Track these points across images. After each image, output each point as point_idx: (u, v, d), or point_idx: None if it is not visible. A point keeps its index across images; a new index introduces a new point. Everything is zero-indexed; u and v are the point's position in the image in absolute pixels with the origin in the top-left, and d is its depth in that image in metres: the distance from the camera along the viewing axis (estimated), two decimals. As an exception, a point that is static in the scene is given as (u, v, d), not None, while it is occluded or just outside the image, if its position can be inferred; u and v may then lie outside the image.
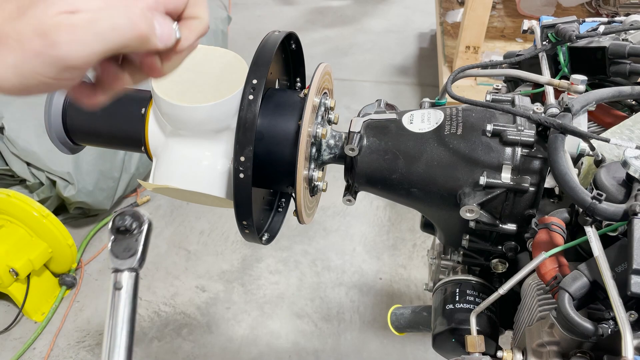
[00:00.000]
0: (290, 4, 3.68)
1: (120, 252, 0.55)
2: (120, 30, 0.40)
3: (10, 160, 1.86)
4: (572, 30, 0.82)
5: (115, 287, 0.55)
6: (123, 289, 0.55)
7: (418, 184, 0.73)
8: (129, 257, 0.55)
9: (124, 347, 0.53)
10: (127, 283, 0.55)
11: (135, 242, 0.56)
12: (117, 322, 0.54)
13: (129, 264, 0.55)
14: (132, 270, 0.55)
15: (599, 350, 0.63)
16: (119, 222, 0.56)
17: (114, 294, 0.55)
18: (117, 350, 0.52)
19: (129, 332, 0.54)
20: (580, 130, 0.63)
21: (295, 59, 0.81)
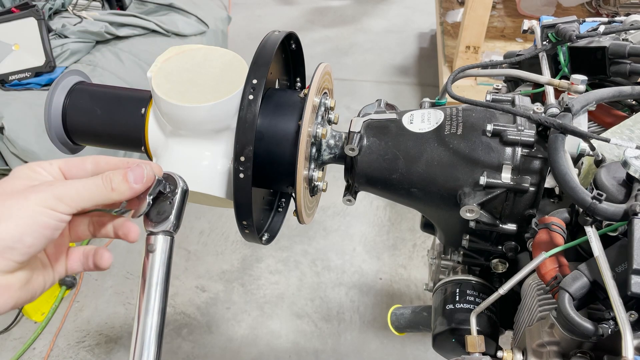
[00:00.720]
0: (290, 3, 3.68)
1: (155, 216, 0.55)
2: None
3: (10, 160, 1.86)
4: (572, 30, 0.82)
5: (149, 249, 0.54)
6: (157, 251, 0.54)
7: (418, 184, 0.73)
8: (163, 221, 0.55)
9: (158, 309, 0.53)
10: (161, 246, 0.54)
11: (169, 205, 0.55)
12: (152, 284, 0.53)
13: (163, 227, 0.55)
14: (166, 233, 0.55)
15: (599, 350, 0.63)
16: (156, 184, 0.56)
17: (148, 257, 0.54)
18: (151, 313, 0.52)
19: (162, 294, 0.53)
20: (581, 130, 0.63)
21: (295, 59, 0.81)
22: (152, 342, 0.51)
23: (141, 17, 2.33)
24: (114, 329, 1.80)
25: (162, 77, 0.74)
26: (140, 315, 0.52)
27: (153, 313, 0.52)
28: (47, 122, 0.77)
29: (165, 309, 0.54)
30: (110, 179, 0.53)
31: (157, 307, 0.53)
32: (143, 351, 0.50)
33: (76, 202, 0.51)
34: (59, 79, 0.77)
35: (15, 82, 1.96)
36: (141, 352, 0.50)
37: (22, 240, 0.48)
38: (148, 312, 0.52)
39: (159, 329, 0.52)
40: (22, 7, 2.03)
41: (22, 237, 0.48)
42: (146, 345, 0.51)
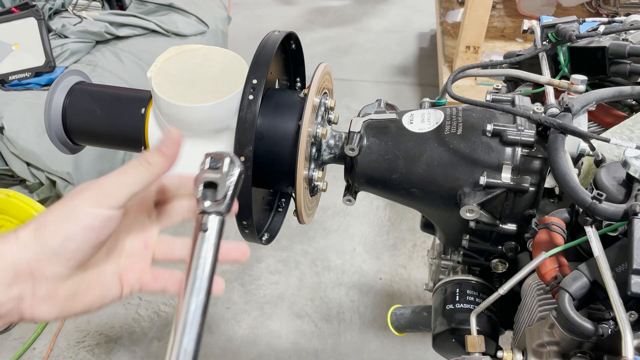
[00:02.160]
0: (290, 3, 3.68)
1: (209, 195, 0.54)
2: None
3: (10, 160, 1.86)
4: (572, 30, 0.82)
5: (202, 228, 0.53)
6: (209, 231, 0.53)
7: (418, 184, 0.73)
8: (218, 201, 0.54)
9: (205, 289, 0.51)
10: (214, 226, 0.53)
11: (225, 186, 0.54)
12: (199, 264, 0.52)
13: (217, 207, 0.53)
14: (219, 214, 0.54)
15: (599, 350, 0.63)
16: (212, 163, 0.55)
17: (199, 236, 0.53)
18: (197, 293, 0.51)
19: (209, 275, 0.52)
20: (581, 130, 0.63)
21: (295, 59, 0.81)
22: (195, 322, 0.50)
23: (141, 17, 2.33)
24: (114, 329, 1.80)
25: (162, 77, 0.74)
26: (186, 295, 0.51)
27: (199, 293, 0.51)
28: (47, 122, 0.77)
29: (211, 290, 0.52)
30: (145, 156, 0.52)
31: (204, 287, 0.51)
32: (185, 331, 0.50)
33: (120, 190, 0.49)
34: (59, 79, 0.77)
35: (15, 82, 1.96)
36: (183, 331, 0.50)
37: (64, 245, 0.47)
38: (194, 292, 0.51)
39: (203, 310, 0.51)
40: (22, 7, 2.03)
41: (64, 242, 0.47)
42: (189, 324, 0.50)
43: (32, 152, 1.83)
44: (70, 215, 0.48)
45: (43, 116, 0.76)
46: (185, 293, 0.51)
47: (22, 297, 0.47)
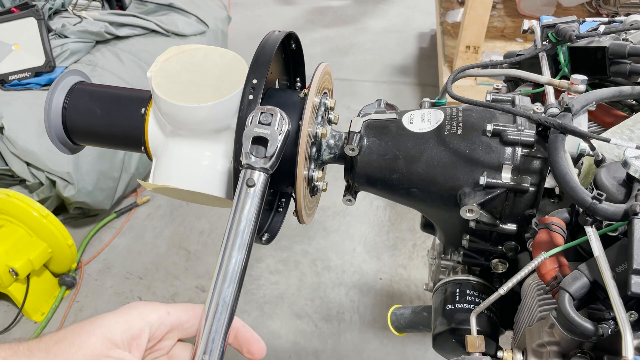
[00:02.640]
0: (290, 3, 3.68)
1: (256, 150, 0.54)
2: None
3: (10, 160, 1.86)
4: (573, 30, 0.82)
5: (248, 184, 0.53)
6: (255, 186, 0.53)
7: (418, 184, 0.73)
8: (264, 158, 0.54)
9: (246, 244, 0.51)
10: (260, 182, 0.53)
11: (272, 143, 0.54)
12: (242, 219, 0.52)
13: (263, 163, 0.53)
14: (264, 170, 0.54)
15: (599, 351, 0.62)
16: (264, 117, 0.54)
17: (245, 191, 0.53)
18: (238, 248, 0.51)
19: (252, 231, 0.52)
20: (581, 130, 0.63)
21: (295, 58, 0.81)
22: (236, 277, 0.51)
23: (141, 17, 2.33)
24: (113, 329, 1.80)
25: (162, 77, 0.74)
26: (227, 249, 0.51)
27: (242, 248, 0.51)
28: (47, 122, 0.76)
29: (252, 246, 0.52)
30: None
31: (245, 242, 0.51)
32: (225, 284, 0.50)
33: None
34: (58, 78, 0.77)
35: (15, 82, 1.96)
36: (223, 284, 0.50)
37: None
38: (235, 247, 0.51)
39: (243, 266, 0.51)
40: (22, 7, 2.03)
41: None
42: (229, 279, 0.50)
43: (32, 152, 1.83)
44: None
45: (43, 116, 0.76)
46: (227, 247, 0.51)
47: None
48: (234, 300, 0.50)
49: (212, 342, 0.48)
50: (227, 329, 0.49)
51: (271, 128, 0.55)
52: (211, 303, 0.49)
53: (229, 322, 0.50)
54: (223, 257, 0.51)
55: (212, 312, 0.50)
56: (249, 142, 0.54)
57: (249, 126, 0.54)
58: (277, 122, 0.55)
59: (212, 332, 0.48)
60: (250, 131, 0.55)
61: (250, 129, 0.54)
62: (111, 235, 2.10)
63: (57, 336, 0.46)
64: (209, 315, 0.50)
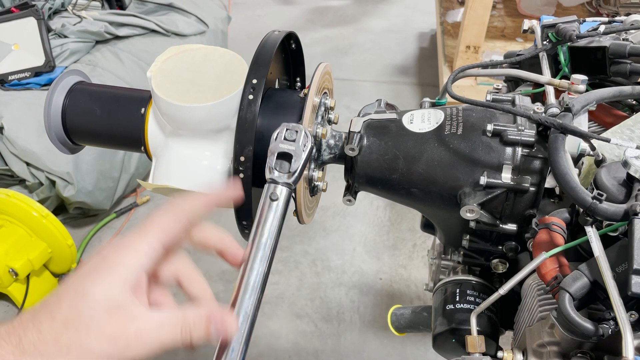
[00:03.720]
0: (290, 3, 3.68)
1: (280, 165, 0.55)
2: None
3: (10, 160, 1.86)
4: (573, 30, 0.82)
5: (271, 198, 0.54)
6: (279, 201, 0.54)
7: (418, 184, 0.73)
8: (287, 173, 0.55)
9: (267, 257, 0.52)
10: (282, 197, 0.54)
11: (296, 159, 0.55)
12: (265, 233, 0.53)
13: (286, 178, 0.54)
14: (287, 185, 0.54)
15: (600, 351, 0.62)
16: (288, 134, 0.56)
17: (267, 205, 0.54)
18: (260, 260, 0.52)
19: (274, 244, 0.53)
20: (581, 130, 0.63)
21: (295, 58, 0.81)
22: (257, 288, 0.52)
23: (141, 17, 2.33)
24: (113, 329, 1.80)
25: (162, 77, 0.74)
26: (250, 261, 0.52)
27: (263, 261, 0.52)
28: (46, 122, 0.76)
29: (273, 258, 0.53)
30: (190, 332, 0.51)
31: (267, 255, 0.52)
32: (245, 295, 0.51)
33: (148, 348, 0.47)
34: (58, 78, 0.77)
35: (14, 82, 1.96)
36: (244, 295, 0.51)
37: None
38: (257, 259, 0.52)
39: (264, 277, 0.52)
40: (21, 6, 2.03)
41: None
42: (250, 290, 0.51)
43: (32, 152, 1.83)
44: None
45: (43, 116, 0.76)
46: (250, 259, 0.52)
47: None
48: (255, 311, 0.52)
49: (232, 352, 0.50)
50: (247, 339, 0.51)
51: (296, 144, 0.56)
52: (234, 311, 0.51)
53: (249, 333, 0.51)
54: (245, 268, 0.52)
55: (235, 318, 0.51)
56: (274, 157, 0.55)
57: (274, 142, 0.56)
58: (301, 139, 0.56)
59: (234, 342, 0.50)
60: (276, 147, 0.56)
61: (275, 144, 0.56)
62: (111, 235, 2.10)
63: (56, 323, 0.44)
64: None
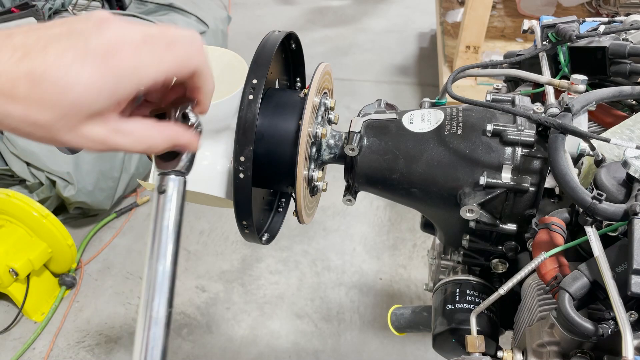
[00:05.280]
0: (290, 3, 3.68)
1: (167, 155, 0.51)
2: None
3: (10, 160, 1.86)
4: (573, 30, 0.82)
5: (159, 190, 0.50)
6: (167, 193, 0.50)
7: (418, 184, 0.73)
8: (174, 159, 0.51)
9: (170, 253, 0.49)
10: (172, 187, 0.50)
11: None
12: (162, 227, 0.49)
13: (173, 166, 0.51)
14: (178, 173, 0.51)
15: (599, 350, 0.63)
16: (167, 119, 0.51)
17: (158, 199, 0.50)
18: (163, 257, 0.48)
19: (174, 238, 0.49)
20: (581, 130, 0.63)
21: (295, 58, 0.81)
22: (164, 289, 0.48)
23: (141, 17, 2.33)
24: (113, 329, 1.80)
25: (162, 77, 0.74)
26: (152, 261, 0.48)
27: (165, 257, 0.48)
28: (46, 122, 0.76)
29: (178, 254, 0.50)
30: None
31: (169, 251, 0.49)
32: (154, 298, 0.48)
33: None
34: (58, 79, 0.77)
35: (15, 82, 1.96)
36: (151, 298, 0.48)
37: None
38: (159, 256, 0.48)
39: (171, 275, 0.49)
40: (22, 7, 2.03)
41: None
42: (158, 291, 0.48)
43: (32, 152, 1.83)
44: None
45: (43, 116, 0.76)
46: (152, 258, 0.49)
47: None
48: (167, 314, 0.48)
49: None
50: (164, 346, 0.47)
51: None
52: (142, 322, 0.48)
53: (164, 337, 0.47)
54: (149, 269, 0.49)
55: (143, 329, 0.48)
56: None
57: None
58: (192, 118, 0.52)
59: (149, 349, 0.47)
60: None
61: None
62: (111, 235, 2.10)
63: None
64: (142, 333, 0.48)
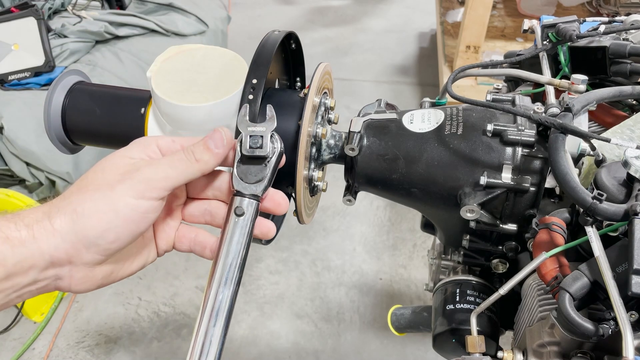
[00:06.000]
0: (290, 3, 3.68)
1: (246, 175, 0.50)
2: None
3: (10, 160, 1.86)
4: (573, 30, 0.82)
5: (236, 212, 0.49)
6: (245, 215, 0.49)
7: (418, 184, 0.73)
8: (255, 183, 0.50)
9: (234, 280, 0.48)
10: (248, 210, 0.50)
11: (264, 167, 0.51)
12: (230, 252, 0.48)
13: (253, 189, 0.50)
14: (254, 197, 0.50)
15: (600, 351, 0.62)
16: (253, 141, 0.51)
17: (232, 220, 0.49)
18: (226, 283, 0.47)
19: (241, 264, 0.49)
20: (581, 130, 0.63)
21: (295, 58, 0.81)
22: (223, 316, 0.47)
23: (141, 17, 2.33)
24: (113, 329, 1.80)
25: (162, 77, 0.74)
26: (214, 285, 0.48)
27: (229, 285, 0.48)
28: (46, 122, 0.76)
29: (240, 281, 0.49)
30: (192, 151, 0.51)
31: (233, 278, 0.48)
32: (211, 323, 0.47)
33: (164, 183, 0.49)
34: (58, 78, 0.77)
35: (14, 82, 1.96)
36: (208, 323, 0.47)
37: (104, 236, 0.47)
38: (222, 282, 0.47)
39: (231, 302, 0.48)
40: (21, 6, 2.02)
41: (103, 233, 0.46)
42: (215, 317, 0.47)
43: (32, 152, 1.83)
44: (110, 206, 0.47)
45: (42, 116, 0.76)
46: (214, 281, 0.48)
47: (59, 277, 0.48)
48: (221, 340, 0.47)
49: None
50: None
51: (263, 150, 0.51)
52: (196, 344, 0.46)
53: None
54: (208, 293, 0.48)
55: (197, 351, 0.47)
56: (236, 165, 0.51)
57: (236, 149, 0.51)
58: (266, 146, 0.51)
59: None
60: (237, 154, 0.51)
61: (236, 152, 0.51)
62: (111, 235, 2.10)
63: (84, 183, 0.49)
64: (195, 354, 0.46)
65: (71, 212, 0.47)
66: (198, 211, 0.58)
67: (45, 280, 0.47)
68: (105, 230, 0.47)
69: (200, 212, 0.58)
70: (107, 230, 0.47)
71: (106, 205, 0.47)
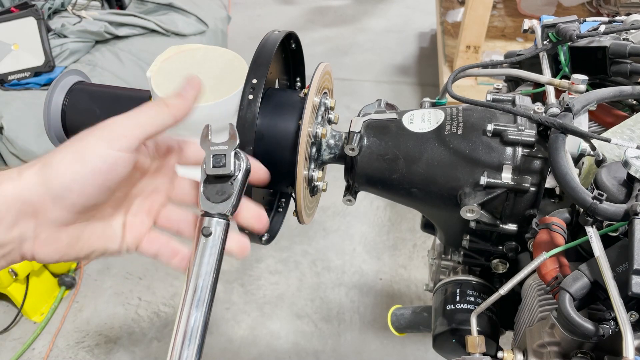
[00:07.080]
0: (290, 3, 3.68)
1: (212, 195, 0.50)
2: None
3: (10, 160, 1.86)
4: (573, 30, 0.82)
5: (203, 233, 0.49)
6: (212, 236, 0.49)
7: (418, 184, 0.73)
8: (222, 202, 0.49)
9: (206, 301, 0.48)
10: (216, 230, 0.49)
11: (230, 185, 0.50)
12: (201, 273, 0.48)
13: (221, 209, 0.49)
14: (222, 216, 0.49)
15: (600, 351, 0.62)
16: (216, 160, 0.50)
17: (201, 241, 0.49)
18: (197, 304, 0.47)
19: (212, 285, 0.48)
20: (581, 130, 0.63)
21: (295, 58, 0.81)
22: (195, 337, 0.48)
23: (141, 17, 2.33)
24: (113, 329, 1.80)
25: (162, 77, 0.74)
26: (186, 306, 0.48)
27: (200, 306, 0.48)
28: (46, 122, 0.76)
29: (212, 302, 0.49)
30: (163, 98, 0.51)
31: (205, 299, 0.48)
32: (184, 345, 0.48)
33: (134, 131, 0.47)
34: (58, 78, 0.77)
35: (14, 82, 1.96)
36: (182, 346, 0.48)
37: (70, 187, 0.45)
38: (194, 303, 0.48)
39: (204, 323, 0.48)
40: (21, 6, 2.02)
41: (70, 184, 0.45)
42: (187, 338, 0.48)
43: (32, 152, 1.83)
44: (78, 155, 0.45)
45: (42, 116, 0.76)
46: (185, 303, 0.48)
47: (24, 238, 0.46)
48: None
49: None
50: None
51: (225, 170, 0.51)
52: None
53: None
54: (181, 315, 0.48)
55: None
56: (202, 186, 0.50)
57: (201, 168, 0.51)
58: (230, 164, 0.51)
59: None
60: (202, 174, 0.51)
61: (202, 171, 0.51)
62: (111, 235, 2.10)
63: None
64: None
65: (41, 165, 0.45)
66: (177, 216, 0.56)
67: (10, 245, 0.45)
68: (72, 180, 0.45)
69: (177, 217, 0.56)
70: (73, 180, 0.45)
71: (74, 155, 0.45)
